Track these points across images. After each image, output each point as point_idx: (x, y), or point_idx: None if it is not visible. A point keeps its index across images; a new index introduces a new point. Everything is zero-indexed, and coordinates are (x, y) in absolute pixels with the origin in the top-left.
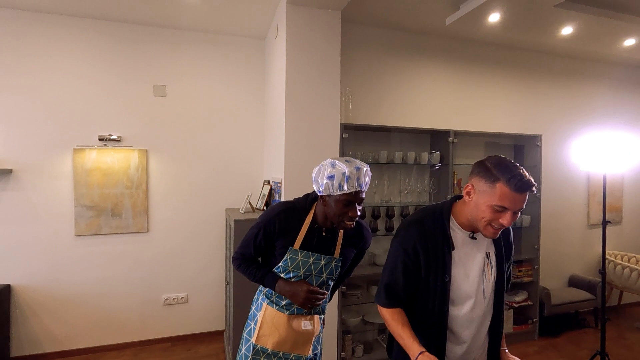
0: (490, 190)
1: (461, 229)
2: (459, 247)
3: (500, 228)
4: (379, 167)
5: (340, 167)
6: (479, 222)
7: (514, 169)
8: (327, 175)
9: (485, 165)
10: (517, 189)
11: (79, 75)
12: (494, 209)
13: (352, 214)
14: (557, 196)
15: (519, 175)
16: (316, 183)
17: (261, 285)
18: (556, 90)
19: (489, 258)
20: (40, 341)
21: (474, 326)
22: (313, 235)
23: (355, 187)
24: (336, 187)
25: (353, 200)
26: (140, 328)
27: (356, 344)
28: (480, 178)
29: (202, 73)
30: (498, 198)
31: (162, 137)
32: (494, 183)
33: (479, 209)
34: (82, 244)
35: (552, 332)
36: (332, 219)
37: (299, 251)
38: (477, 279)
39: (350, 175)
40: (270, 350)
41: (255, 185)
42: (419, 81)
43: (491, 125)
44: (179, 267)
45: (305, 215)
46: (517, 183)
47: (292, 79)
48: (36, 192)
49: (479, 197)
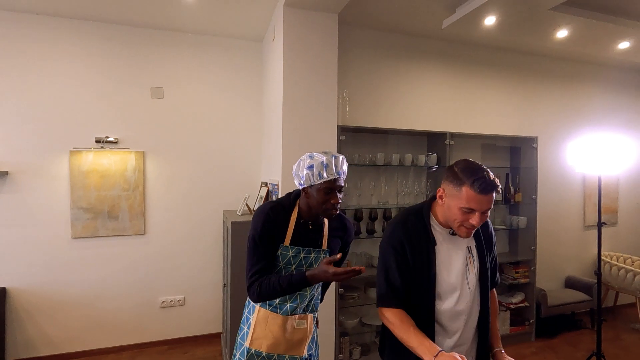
0: (457, 194)
1: (440, 226)
2: (440, 243)
3: (471, 228)
4: (376, 169)
5: (318, 157)
6: (452, 223)
7: (479, 172)
8: (306, 167)
9: (453, 170)
10: (481, 191)
11: (75, 77)
12: (463, 211)
13: (333, 201)
14: (554, 198)
15: (483, 178)
16: (297, 177)
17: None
18: (552, 92)
19: (471, 251)
20: (36, 344)
21: (462, 319)
22: (300, 230)
23: (334, 174)
24: (316, 176)
25: (333, 188)
26: (137, 331)
27: (354, 345)
28: (449, 183)
29: (199, 75)
30: (465, 201)
31: (160, 139)
32: (460, 187)
33: (450, 212)
34: (78, 247)
35: (549, 333)
36: (315, 209)
37: (289, 247)
38: (461, 273)
39: (328, 163)
40: (265, 353)
41: (253, 187)
42: (416, 83)
43: (488, 127)
44: (175, 270)
45: (290, 212)
46: (481, 185)
47: (289, 81)
48: (32, 194)
49: (449, 200)
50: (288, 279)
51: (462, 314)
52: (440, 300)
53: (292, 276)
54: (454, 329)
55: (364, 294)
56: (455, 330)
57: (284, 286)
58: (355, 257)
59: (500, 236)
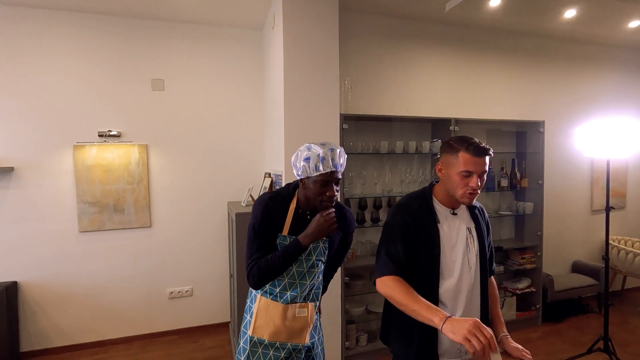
0: (455, 161)
1: (442, 206)
2: (443, 222)
3: (473, 192)
4: (380, 157)
5: (315, 150)
6: (455, 190)
7: (471, 140)
8: (303, 158)
9: (449, 143)
10: (475, 153)
11: (75, 71)
12: (462, 176)
13: (329, 193)
14: (560, 183)
15: (475, 143)
16: (295, 167)
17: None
18: (559, 75)
19: (471, 232)
20: (49, 336)
21: (463, 297)
22: (299, 220)
23: (331, 167)
24: (312, 169)
25: (329, 180)
26: (146, 321)
27: (360, 333)
28: (446, 153)
29: (199, 66)
30: (462, 164)
31: (162, 131)
32: (456, 153)
33: (451, 180)
34: (86, 240)
35: (556, 318)
36: (312, 200)
37: (287, 237)
38: (462, 251)
39: (325, 156)
40: (267, 341)
41: (257, 178)
42: (419, 69)
43: (493, 112)
44: (182, 261)
45: (289, 202)
46: (475, 149)
47: (290, 69)
48: (38, 189)
49: (448, 170)
50: (282, 249)
51: (463, 292)
52: (443, 278)
53: (285, 246)
54: (456, 307)
55: (370, 282)
56: (457, 309)
57: (280, 257)
58: (360, 246)
59: (506, 222)
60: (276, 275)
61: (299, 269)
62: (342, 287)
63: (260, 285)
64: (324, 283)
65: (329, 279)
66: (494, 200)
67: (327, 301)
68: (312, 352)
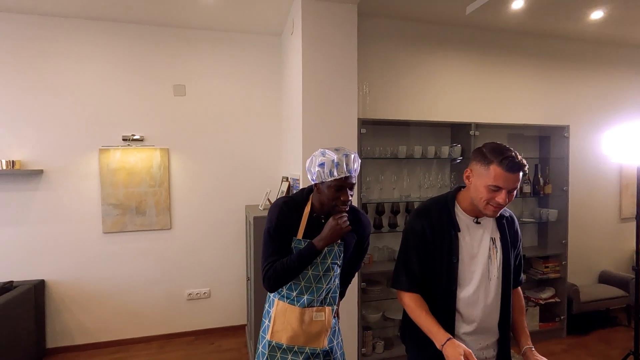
0: (485, 172)
1: (466, 214)
2: (464, 231)
3: (498, 207)
4: (398, 162)
5: (330, 155)
6: (479, 202)
7: (506, 152)
8: (318, 164)
9: (481, 151)
10: (508, 169)
11: (101, 77)
12: (490, 189)
13: (343, 198)
14: (586, 189)
15: (511, 157)
16: (309, 172)
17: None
18: (584, 78)
19: (495, 243)
20: (73, 334)
21: (480, 307)
22: (313, 224)
23: (345, 173)
24: (327, 174)
25: (344, 185)
26: (165, 322)
27: (377, 340)
28: (477, 162)
29: (219, 72)
30: (492, 178)
31: (183, 135)
32: (488, 165)
33: (477, 191)
34: (109, 241)
35: (581, 330)
36: (326, 204)
37: (302, 240)
38: (483, 262)
39: (339, 161)
40: (285, 345)
41: (274, 182)
42: (439, 73)
43: (514, 117)
44: (201, 263)
45: (303, 206)
46: (509, 164)
47: (308, 74)
48: (66, 191)
49: (477, 180)
50: (297, 252)
51: (480, 302)
52: (460, 287)
53: (300, 249)
54: (471, 316)
55: (387, 288)
56: (472, 318)
57: (295, 260)
58: (378, 251)
59: (528, 230)
60: (291, 278)
61: (315, 273)
62: (358, 293)
63: (275, 288)
64: (342, 288)
65: (347, 284)
66: (516, 207)
67: (343, 307)
68: (330, 357)
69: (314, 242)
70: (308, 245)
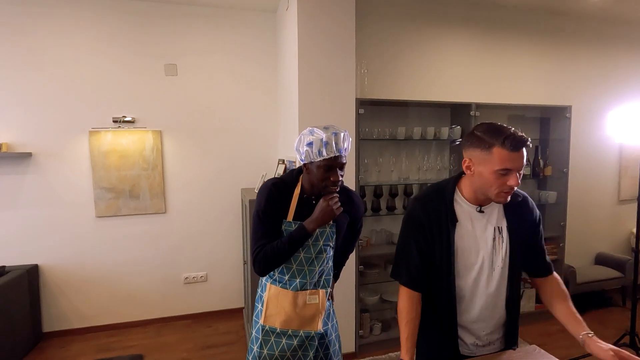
0: (487, 157)
1: (468, 203)
2: (465, 221)
3: (510, 191)
4: (397, 143)
5: (318, 134)
6: (488, 191)
7: (505, 130)
8: (306, 143)
9: (476, 135)
10: (513, 148)
11: (90, 56)
12: (499, 174)
13: (333, 179)
14: (586, 171)
15: (512, 135)
16: (298, 152)
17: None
18: (588, 57)
19: (501, 232)
20: (69, 318)
21: (481, 298)
22: (304, 206)
23: (334, 152)
24: (315, 154)
25: (333, 165)
26: (162, 306)
27: (374, 322)
28: (474, 149)
29: (212, 50)
30: (499, 162)
31: (175, 117)
32: (489, 149)
33: (484, 179)
34: (103, 225)
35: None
36: (316, 185)
37: (292, 222)
38: (486, 252)
39: (328, 140)
40: (279, 329)
41: (270, 165)
42: (439, 52)
43: (516, 97)
44: (197, 247)
45: (293, 188)
46: (513, 142)
47: (304, 52)
48: (56, 175)
49: (480, 168)
50: (288, 235)
51: (481, 294)
52: (460, 277)
53: (291, 232)
54: (473, 305)
55: (384, 270)
56: (474, 306)
57: (285, 243)
58: (375, 234)
59: None
60: (282, 261)
61: (307, 255)
62: (356, 276)
63: (266, 272)
64: (336, 270)
65: (341, 266)
66: None
67: (341, 289)
68: (325, 339)
69: (304, 224)
70: (299, 228)
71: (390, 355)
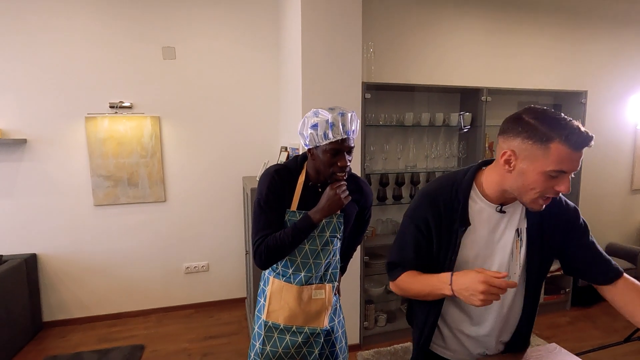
0: (542, 153)
1: (486, 201)
2: (479, 223)
3: (553, 197)
4: (404, 130)
5: (324, 115)
6: (527, 194)
7: (568, 123)
8: (310, 125)
9: (529, 123)
10: (577, 146)
11: (84, 38)
12: (548, 176)
13: (341, 164)
14: (599, 160)
15: (577, 129)
16: (301, 136)
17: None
18: (607, 39)
19: (520, 234)
20: (69, 307)
21: (494, 308)
22: (309, 194)
23: (341, 135)
24: (321, 137)
25: (340, 149)
26: (163, 295)
27: (379, 313)
28: (525, 140)
29: (211, 33)
30: (555, 161)
31: (174, 103)
32: (546, 144)
33: (527, 178)
34: (101, 214)
35: (585, 302)
36: (322, 172)
37: (296, 212)
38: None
39: (334, 122)
40: (283, 325)
41: (272, 152)
42: (449, 34)
43: (530, 82)
44: (198, 237)
45: (297, 175)
46: (578, 139)
47: (308, 35)
48: (52, 162)
49: (525, 164)
50: (292, 226)
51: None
52: None
53: (295, 222)
54: (483, 317)
55: None
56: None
57: (289, 234)
58: (381, 224)
59: None
60: (285, 254)
61: (312, 247)
62: (361, 267)
63: (268, 265)
64: (343, 262)
65: (348, 259)
66: None
67: (346, 280)
68: (331, 336)
69: (310, 213)
70: (303, 218)
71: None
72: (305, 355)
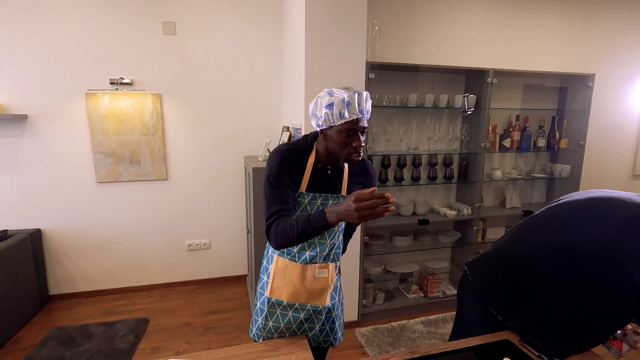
0: None
1: None
2: None
3: None
4: (408, 111)
5: (339, 94)
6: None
7: None
8: (325, 105)
9: None
10: None
11: (84, 13)
12: None
13: (356, 144)
14: (603, 145)
15: None
16: (314, 117)
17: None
18: (615, 20)
19: None
20: (75, 281)
21: None
22: (318, 176)
23: (357, 114)
24: (336, 116)
25: (356, 129)
26: (166, 271)
27: (377, 292)
28: None
29: (213, 7)
30: None
31: (175, 80)
32: None
33: None
34: (103, 191)
35: None
36: (336, 153)
37: (305, 194)
38: None
39: (350, 100)
40: (286, 302)
41: (274, 132)
42: (456, 14)
43: (536, 64)
44: (200, 214)
45: (308, 155)
46: None
47: (312, 11)
48: (53, 138)
49: None
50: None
51: None
52: None
53: (310, 216)
54: None
55: (389, 242)
56: None
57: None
58: None
59: (538, 185)
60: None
61: None
62: (361, 247)
63: (281, 249)
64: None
65: (348, 238)
66: (527, 162)
67: (346, 260)
68: (332, 314)
69: (326, 211)
70: (318, 215)
71: (392, 324)
72: (306, 330)
